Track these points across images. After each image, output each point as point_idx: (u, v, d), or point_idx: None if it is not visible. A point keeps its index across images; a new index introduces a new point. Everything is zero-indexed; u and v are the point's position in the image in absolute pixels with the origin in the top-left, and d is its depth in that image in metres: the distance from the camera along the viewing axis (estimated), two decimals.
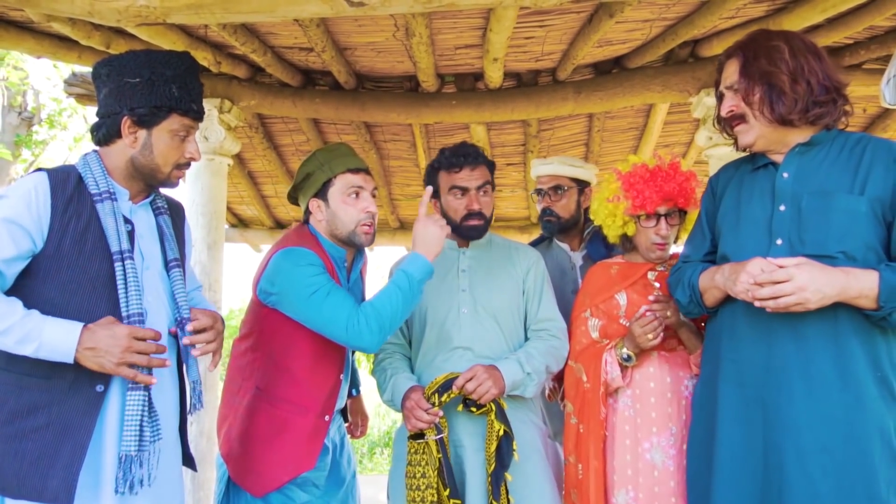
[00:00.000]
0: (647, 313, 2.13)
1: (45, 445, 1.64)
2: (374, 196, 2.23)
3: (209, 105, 3.85)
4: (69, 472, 1.64)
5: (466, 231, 2.33)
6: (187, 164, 1.89)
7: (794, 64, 1.75)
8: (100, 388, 1.70)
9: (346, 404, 2.46)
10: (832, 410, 1.63)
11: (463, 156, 2.33)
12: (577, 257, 2.91)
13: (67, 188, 1.72)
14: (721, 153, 3.72)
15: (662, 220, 2.19)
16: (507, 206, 6.17)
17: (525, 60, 3.77)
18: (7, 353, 1.66)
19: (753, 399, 1.74)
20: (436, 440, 2.08)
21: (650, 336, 2.06)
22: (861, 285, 1.60)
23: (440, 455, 2.08)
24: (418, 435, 2.10)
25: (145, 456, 1.71)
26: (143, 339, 1.67)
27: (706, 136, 3.80)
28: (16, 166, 7.63)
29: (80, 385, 1.68)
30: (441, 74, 3.94)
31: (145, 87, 1.78)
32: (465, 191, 2.32)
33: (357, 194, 2.19)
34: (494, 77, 3.74)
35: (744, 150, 1.91)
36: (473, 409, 2.12)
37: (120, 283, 1.72)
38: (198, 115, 1.87)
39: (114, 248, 1.73)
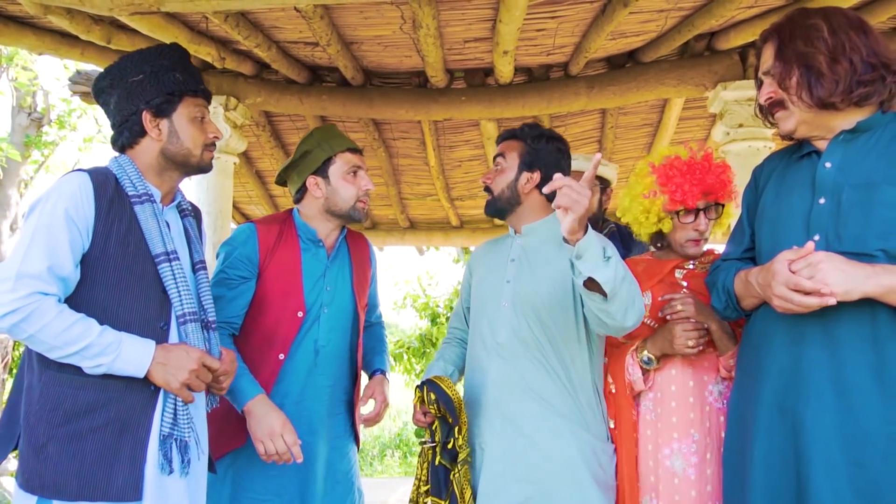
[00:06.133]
0: (673, 303, 2.02)
1: (104, 444, 1.65)
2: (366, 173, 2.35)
3: (214, 102, 3.79)
4: (134, 468, 1.66)
5: None
6: (213, 144, 1.93)
7: (833, 42, 1.60)
8: (153, 385, 1.73)
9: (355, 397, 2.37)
10: (869, 423, 1.49)
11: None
12: None
13: (108, 189, 1.74)
14: (738, 149, 3.62)
15: (702, 214, 2.07)
16: None
17: (536, 54, 3.68)
18: None
19: (782, 408, 1.61)
20: (429, 447, 2.02)
21: (691, 343, 1.95)
22: (893, 278, 1.46)
23: (428, 460, 2.02)
24: (421, 431, 2.05)
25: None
26: (209, 368, 1.75)
27: (723, 132, 3.70)
28: (25, 167, 7.63)
29: (134, 382, 1.70)
30: (450, 70, 3.86)
31: (151, 79, 1.83)
32: None
33: (355, 173, 2.27)
34: (505, 72, 3.66)
35: (787, 139, 1.78)
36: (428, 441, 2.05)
37: (170, 283, 1.76)
38: (207, 96, 1.94)
39: (157, 249, 1.76)
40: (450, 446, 1.99)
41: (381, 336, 2.58)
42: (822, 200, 1.62)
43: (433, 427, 2.03)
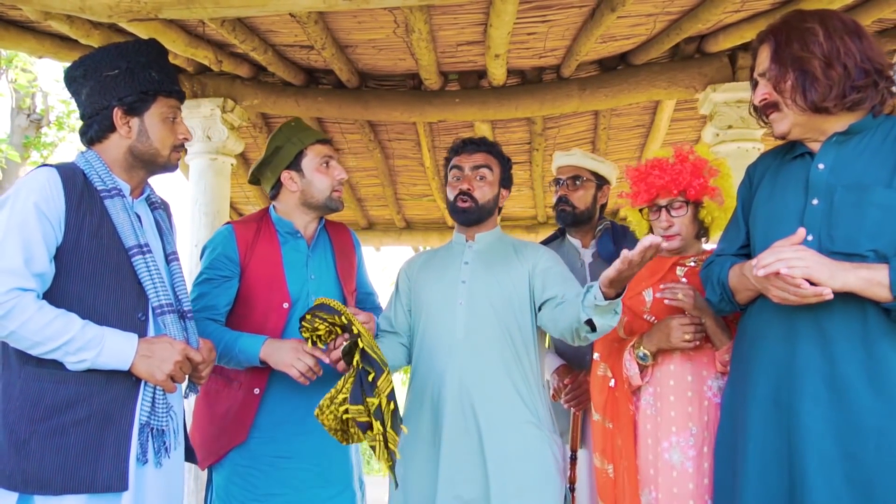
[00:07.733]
0: (675, 290, 2.08)
1: (88, 437, 1.65)
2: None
3: (212, 104, 3.85)
4: (119, 460, 1.66)
5: (455, 212, 2.30)
6: (182, 146, 1.93)
7: (828, 47, 1.61)
8: (134, 377, 1.73)
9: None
10: (861, 418, 1.53)
11: (465, 142, 2.37)
12: (587, 254, 2.89)
13: (77, 183, 1.73)
14: (728, 150, 3.67)
15: (663, 211, 2.16)
16: (513, 206, 6.13)
17: (528, 57, 3.73)
18: None
19: (776, 403, 1.65)
20: (348, 343, 1.88)
21: (687, 337, 2.00)
22: (873, 272, 1.51)
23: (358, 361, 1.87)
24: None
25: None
26: (191, 359, 1.76)
27: (713, 133, 3.75)
28: (25, 168, 7.68)
29: (115, 374, 1.70)
30: (444, 72, 3.92)
31: (126, 76, 1.80)
32: (461, 171, 2.31)
33: (328, 163, 2.32)
34: (498, 74, 3.71)
35: (780, 139, 1.80)
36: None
37: (144, 275, 1.76)
38: (181, 96, 1.93)
39: (130, 242, 1.76)
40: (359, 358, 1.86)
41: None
42: (815, 201, 1.65)
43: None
